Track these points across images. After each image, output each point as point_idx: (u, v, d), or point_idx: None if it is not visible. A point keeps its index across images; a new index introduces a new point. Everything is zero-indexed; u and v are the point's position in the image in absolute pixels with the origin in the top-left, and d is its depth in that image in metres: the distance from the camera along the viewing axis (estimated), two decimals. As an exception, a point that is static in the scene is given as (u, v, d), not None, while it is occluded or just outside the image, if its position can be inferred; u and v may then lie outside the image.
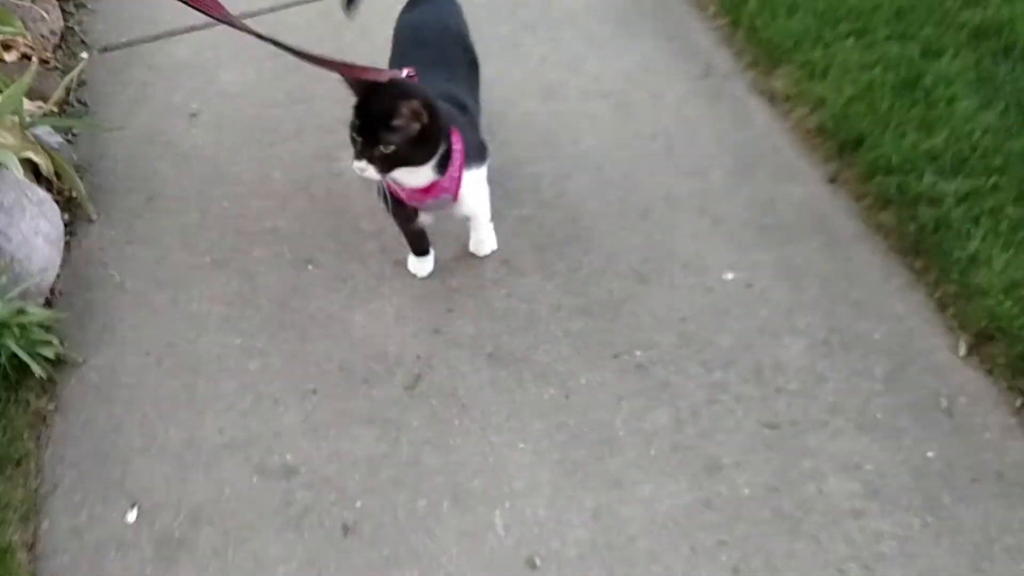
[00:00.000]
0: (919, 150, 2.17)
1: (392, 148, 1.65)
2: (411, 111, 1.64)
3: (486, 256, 2.18)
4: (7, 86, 2.27)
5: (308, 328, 2.06)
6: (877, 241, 2.15)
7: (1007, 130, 2.18)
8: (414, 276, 2.15)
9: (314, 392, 1.94)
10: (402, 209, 1.94)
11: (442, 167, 1.78)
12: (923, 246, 2.07)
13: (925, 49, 2.38)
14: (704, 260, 2.14)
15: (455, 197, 1.88)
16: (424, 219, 2.00)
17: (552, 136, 2.44)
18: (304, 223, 2.27)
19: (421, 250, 2.14)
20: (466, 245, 2.19)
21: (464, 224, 2.12)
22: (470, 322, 2.06)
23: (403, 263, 2.17)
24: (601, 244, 2.19)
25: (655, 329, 2.02)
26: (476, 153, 1.90)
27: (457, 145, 1.81)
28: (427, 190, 1.83)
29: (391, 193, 1.83)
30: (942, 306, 2.01)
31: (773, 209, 2.23)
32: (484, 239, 2.16)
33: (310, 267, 2.18)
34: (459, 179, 1.85)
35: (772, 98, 2.46)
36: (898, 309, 2.02)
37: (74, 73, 2.52)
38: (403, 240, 2.12)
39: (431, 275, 2.15)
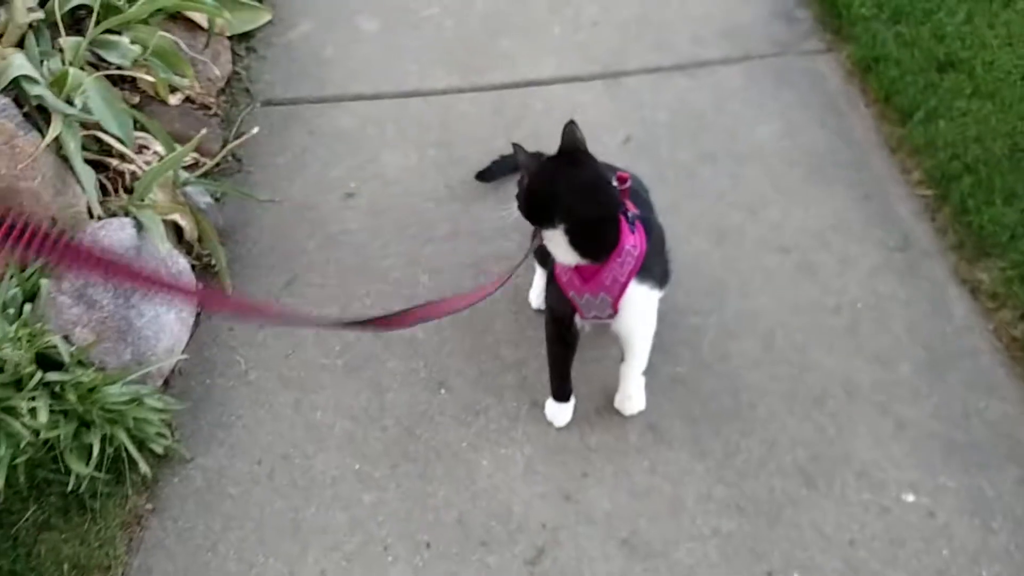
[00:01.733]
0: None
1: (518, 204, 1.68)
2: (524, 170, 1.68)
3: (631, 416, 1.97)
4: (167, 132, 2.19)
5: (431, 464, 1.89)
6: (1084, 490, 1.86)
7: None
8: (550, 423, 1.96)
9: (427, 546, 1.76)
10: (560, 304, 1.77)
11: (587, 251, 1.62)
12: None
13: None
14: (883, 472, 1.88)
15: (615, 307, 1.70)
16: (580, 324, 1.80)
17: (720, 286, 2.22)
18: (443, 339, 2.10)
19: (562, 393, 1.95)
20: (611, 399, 1.98)
21: (613, 374, 1.93)
22: (606, 494, 1.85)
23: (540, 406, 1.98)
24: (764, 428, 1.96)
25: (819, 548, 1.77)
26: (655, 270, 1.73)
27: (634, 245, 1.65)
28: (585, 279, 1.67)
29: (555, 277, 1.73)
30: None
31: (967, 425, 1.95)
32: (632, 395, 1.96)
33: (443, 391, 2.01)
34: (624, 285, 1.67)
35: (975, 291, 2.19)
36: (1102, 579, 1.73)
37: (234, 142, 2.40)
38: (545, 378, 1.94)
39: (569, 426, 1.96)
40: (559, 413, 1.96)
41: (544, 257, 2.01)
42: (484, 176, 2.38)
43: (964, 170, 2.36)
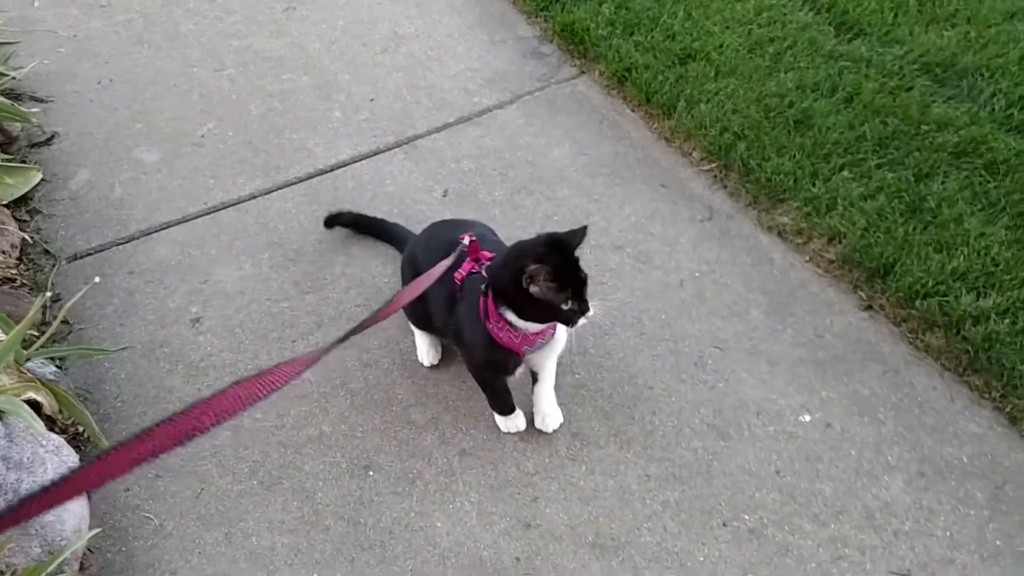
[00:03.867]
0: (946, 271, 2.26)
1: None
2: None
3: (555, 431, 2.07)
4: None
5: (388, 545, 1.87)
6: (930, 363, 2.19)
7: (1019, 242, 2.31)
8: (489, 464, 2.02)
9: (419, 620, 1.74)
10: (504, 358, 1.87)
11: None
12: (979, 364, 2.12)
13: (916, 173, 2.51)
14: (776, 404, 2.11)
15: (554, 332, 1.87)
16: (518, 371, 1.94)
17: (580, 295, 2.38)
18: (351, 424, 2.09)
19: (509, 407, 2.04)
20: (530, 424, 2.08)
21: (519, 402, 2.04)
22: (560, 509, 1.93)
23: (470, 454, 2.03)
24: (667, 401, 2.13)
25: (754, 487, 1.95)
26: None
27: None
28: (538, 333, 1.81)
29: (500, 344, 1.80)
30: (1013, 419, 2.05)
31: (822, 343, 2.24)
32: (549, 412, 2.07)
33: (371, 473, 2.00)
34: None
35: (781, 233, 2.52)
36: (973, 428, 2.05)
37: (70, 302, 2.24)
38: (464, 425, 2.02)
39: (504, 460, 2.02)
40: (514, 421, 2.06)
41: (420, 320, 2.10)
42: (330, 222, 2.51)
43: (735, 139, 2.72)
